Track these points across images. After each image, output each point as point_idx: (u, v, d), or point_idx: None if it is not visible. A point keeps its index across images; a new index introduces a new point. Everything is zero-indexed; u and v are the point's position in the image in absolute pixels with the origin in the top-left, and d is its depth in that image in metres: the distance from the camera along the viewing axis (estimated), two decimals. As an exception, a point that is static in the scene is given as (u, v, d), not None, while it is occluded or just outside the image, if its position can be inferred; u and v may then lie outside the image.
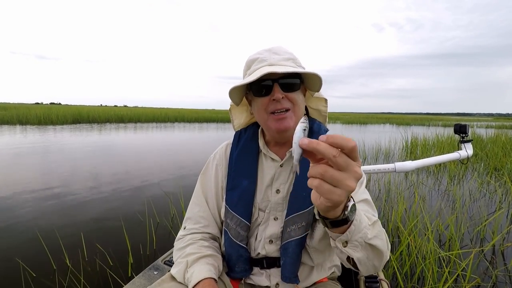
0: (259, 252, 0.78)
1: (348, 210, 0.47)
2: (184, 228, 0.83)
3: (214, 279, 0.70)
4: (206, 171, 0.86)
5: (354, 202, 0.48)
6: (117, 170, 4.50)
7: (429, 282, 1.54)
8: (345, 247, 0.53)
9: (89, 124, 14.25)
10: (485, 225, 2.35)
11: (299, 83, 0.71)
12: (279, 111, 0.69)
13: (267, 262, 0.79)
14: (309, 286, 0.79)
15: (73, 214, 2.71)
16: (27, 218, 2.58)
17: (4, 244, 2.11)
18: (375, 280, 1.00)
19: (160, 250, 2.08)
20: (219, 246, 0.83)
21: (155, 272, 1.14)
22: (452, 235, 2.13)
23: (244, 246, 0.76)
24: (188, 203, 0.87)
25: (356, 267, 0.57)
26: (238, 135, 0.85)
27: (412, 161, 1.83)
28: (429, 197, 3.44)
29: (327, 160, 0.38)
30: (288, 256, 0.73)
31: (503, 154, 5.58)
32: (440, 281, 1.52)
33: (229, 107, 0.84)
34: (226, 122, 20.04)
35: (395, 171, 1.80)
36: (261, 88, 0.69)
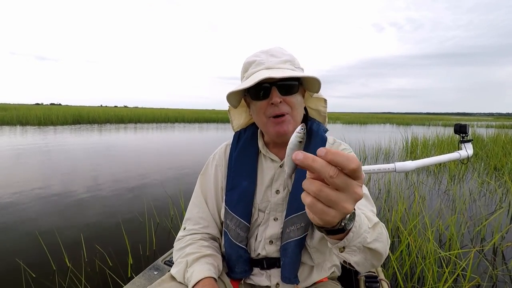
0: (259, 253, 0.78)
1: (346, 219, 0.42)
2: (184, 228, 0.83)
3: (214, 278, 0.70)
4: (206, 171, 0.86)
5: (353, 210, 0.43)
6: (117, 171, 4.50)
7: (429, 282, 1.54)
8: (342, 252, 0.49)
9: (89, 125, 14.25)
10: (485, 225, 2.35)
11: (297, 86, 0.70)
12: (277, 116, 0.68)
13: (267, 263, 0.79)
14: (309, 286, 0.79)
15: (73, 214, 2.71)
16: (27, 218, 2.58)
17: (4, 244, 2.11)
18: (375, 280, 1.00)
19: (160, 250, 2.08)
20: (219, 246, 0.83)
21: (155, 272, 1.14)
22: (452, 235, 2.13)
23: (244, 247, 0.76)
24: (188, 203, 0.87)
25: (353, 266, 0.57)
26: (238, 136, 0.85)
27: (412, 161, 1.83)
28: (429, 197, 3.44)
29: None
30: (288, 257, 0.73)
31: (503, 154, 5.58)
32: (440, 281, 1.52)
33: (228, 108, 0.84)
34: (226, 122, 20.04)
35: (395, 171, 1.80)
36: (258, 91, 0.69)
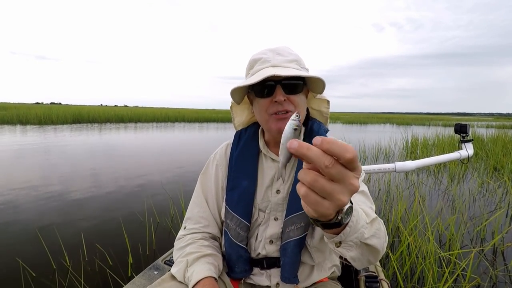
0: (260, 253, 0.78)
1: (343, 213, 0.40)
2: (184, 228, 0.83)
3: (215, 278, 0.70)
4: (206, 171, 0.86)
5: (351, 204, 0.42)
6: (117, 170, 4.50)
7: (429, 282, 1.53)
8: (338, 247, 0.49)
9: (89, 124, 14.25)
10: (485, 225, 2.35)
11: (301, 86, 0.70)
12: (280, 113, 0.68)
13: (267, 263, 0.79)
14: (309, 286, 0.79)
15: (73, 213, 2.71)
16: (27, 217, 2.58)
17: (4, 243, 2.11)
18: (375, 280, 1.00)
19: (160, 250, 2.08)
20: (219, 246, 0.83)
21: (155, 272, 1.14)
22: (452, 235, 2.13)
23: (244, 247, 0.76)
24: (188, 203, 0.87)
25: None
26: (238, 135, 0.85)
27: (413, 161, 1.82)
28: (429, 197, 3.44)
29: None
30: (287, 256, 0.73)
31: (503, 154, 5.58)
32: (440, 281, 1.52)
33: (230, 105, 0.84)
34: (226, 122, 20.04)
35: (396, 171, 1.79)
36: (263, 89, 0.69)
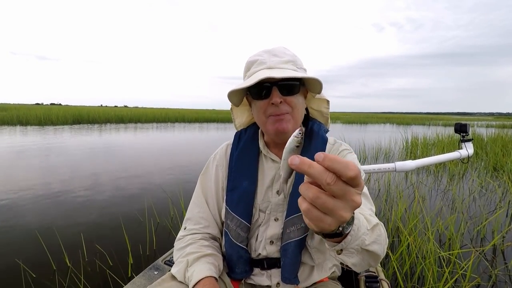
0: (260, 253, 0.78)
1: (344, 224, 0.40)
2: (184, 228, 0.83)
3: (215, 278, 0.70)
4: (206, 171, 0.86)
5: (352, 215, 0.42)
6: (117, 170, 4.50)
7: (429, 282, 1.54)
8: (339, 254, 0.48)
9: (89, 125, 14.26)
10: (485, 224, 2.35)
11: (298, 86, 0.70)
12: (277, 114, 0.69)
13: (268, 263, 0.79)
14: (309, 286, 0.79)
15: (73, 214, 2.71)
16: (27, 218, 2.58)
17: (4, 244, 2.11)
18: (375, 280, 1.00)
19: (160, 250, 2.08)
20: (219, 246, 0.83)
21: (155, 272, 1.14)
22: (452, 234, 2.13)
23: (244, 247, 0.76)
24: (188, 203, 0.87)
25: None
26: (238, 136, 0.85)
27: (413, 160, 1.82)
28: (429, 196, 3.44)
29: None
30: (288, 257, 0.73)
31: (503, 154, 5.58)
32: (441, 281, 1.52)
33: (230, 106, 0.83)
34: (226, 122, 20.04)
35: (396, 170, 1.79)
36: (259, 91, 0.69)
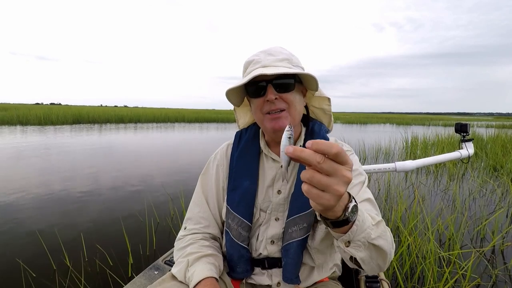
0: (261, 253, 0.78)
1: (348, 211, 0.46)
2: (185, 228, 0.83)
3: (216, 278, 0.70)
4: (207, 171, 0.86)
5: (355, 203, 0.47)
6: (117, 170, 4.50)
7: (429, 282, 1.54)
8: (347, 246, 0.52)
9: (89, 125, 14.25)
10: (485, 224, 2.35)
11: (293, 83, 0.71)
12: (274, 112, 0.70)
13: (269, 263, 0.79)
14: (310, 286, 0.79)
15: (73, 214, 2.71)
16: (28, 218, 2.58)
17: (4, 244, 2.11)
18: (375, 280, 1.00)
19: (160, 250, 2.08)
20: (219, 246, 0.83)
21: (156, 272, 1.14)
22: (452, 234, 2.13)
23: (246, 247, 0.76)
24: (188, 203, 0.87)
25: (360, 266, 0.57)
26: (239, 136, 0.85)
27: (413, 160, 1.82)
28: (429, 196, 3.44)
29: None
30: (290, 257, 0.73)
31: (503, 154, 5.58)
32: (441, 281, 1.52)
33: (232, 106, 0.84)
34: (226, 122, 20.04)
35: (396, 170, 1.79)
36: (255, 89, 0.71)
